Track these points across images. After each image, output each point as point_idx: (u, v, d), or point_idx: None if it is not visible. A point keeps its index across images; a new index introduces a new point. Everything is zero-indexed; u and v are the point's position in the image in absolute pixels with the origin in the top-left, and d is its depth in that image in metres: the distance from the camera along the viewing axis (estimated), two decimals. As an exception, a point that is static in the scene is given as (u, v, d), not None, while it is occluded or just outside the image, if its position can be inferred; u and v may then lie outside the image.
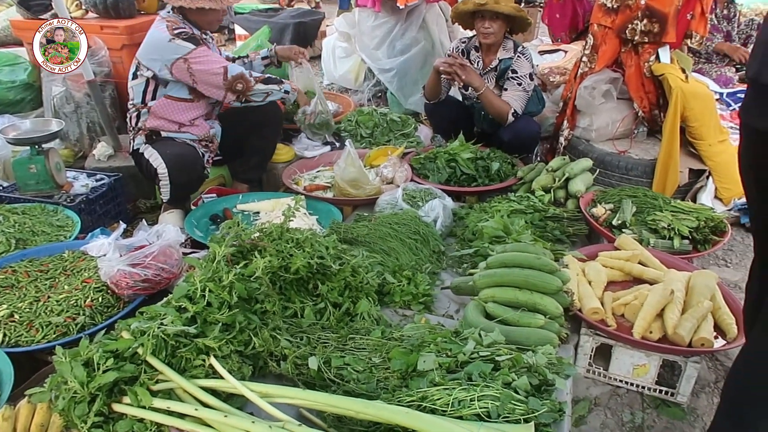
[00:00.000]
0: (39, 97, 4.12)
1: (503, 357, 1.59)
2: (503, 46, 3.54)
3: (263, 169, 3.50)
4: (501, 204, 2.89)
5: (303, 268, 1.90)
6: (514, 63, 3.47)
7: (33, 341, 1.92)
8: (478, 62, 3.60)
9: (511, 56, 3.50)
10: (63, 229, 2.68)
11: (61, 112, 3.72)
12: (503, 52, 3.53)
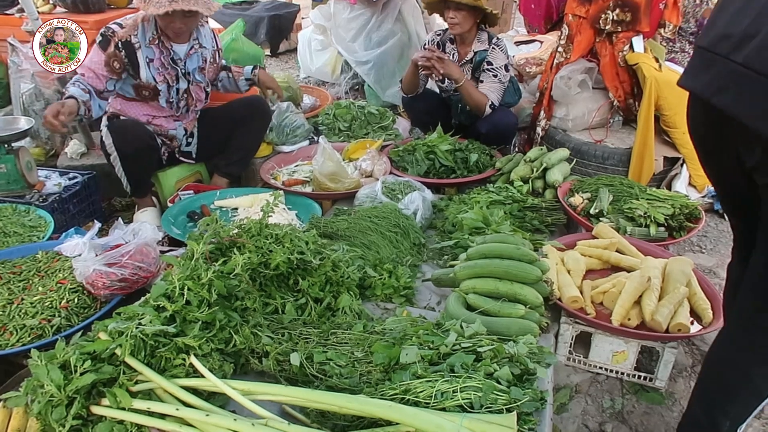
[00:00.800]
0: (7, 95, 4.01)
1: (485, 348, 1.60)
2: (478, 38, 3.54)
3: (246, 165, 3.47)
4: (480, 195, 2.90)
5: (283, 264, 1.88)
6: (489, 54, 3.48)
7: (7, 345, 1.88)
8: (453, 54, 3.60)
9: (486, 48, 3.50)
10: (36, 230, 2.62)
11: (31, 110, 3.63)
12: (478, 44, 3.53)
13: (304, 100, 4.34)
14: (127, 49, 2.86)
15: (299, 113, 3.81)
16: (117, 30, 2.85)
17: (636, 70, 3.48)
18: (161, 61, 2.95)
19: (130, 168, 2.95)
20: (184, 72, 3.04)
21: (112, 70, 2.86)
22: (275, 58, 7.41)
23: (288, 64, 7.35)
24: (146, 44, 2.89)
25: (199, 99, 3.19)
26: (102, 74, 2.85)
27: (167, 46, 2.95)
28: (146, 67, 2.93)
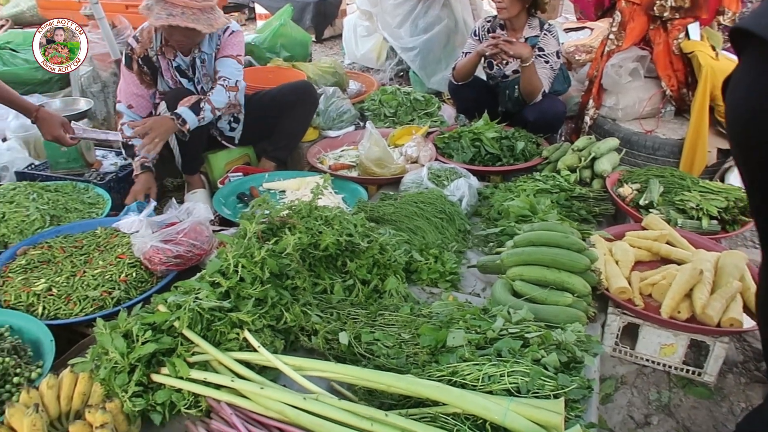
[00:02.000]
0: (66, 77, 4.17)
1: (532, 334, 1.61)
2: (529, 24, 3.49)
3: (292, 149, 3.52)
4: (526, 183, 2.88)
5: (332, 246, 1.92)
6: (540, 41, 3.43)
7: (71, 314, 1.98)
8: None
9: (537, 34, 3.46)
10: (94, 207, 2.74)
11: (89, 92, 3.77)
12: (529, 30, 3.48)
13: (350, 86, 4.36)
14: (147, 63, 2.98)
15: (345, 99, 3.84)
16: (135, 47, 2.95)
17: (691, 59, 3.37)
18: (170, 72, 3.02)
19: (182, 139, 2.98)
20: (192, 81, 3.07)
21: (147, 84, 3.00)
22: (320, 43, 7.45)
23: (333, 50, 7.39)
24: (156, 54, 2.97)
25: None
26: (144, 94, 3.01)
27: (170, 56, 2.98)
28: (161, 77, 3.04)
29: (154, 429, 1.53)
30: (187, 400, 1.52)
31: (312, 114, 3.53)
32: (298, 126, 3.42)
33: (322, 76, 4.10)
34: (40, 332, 1.82)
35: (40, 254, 2.25)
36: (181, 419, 1.54)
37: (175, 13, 2.64)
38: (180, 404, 1.52)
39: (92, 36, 3.74)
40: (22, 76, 4.21)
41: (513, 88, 3.57)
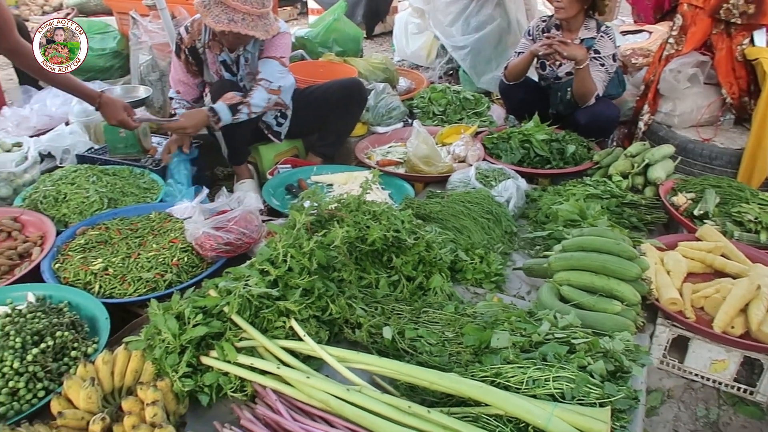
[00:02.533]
0: (126, 65, 4.31)
1: (579, 340, 1.59)
2: (585, 25, 3.43)
3: (340, 146, 3.55)
4: (576, 188, 2.83)
5: (379, 240, 1.93)
6: (596, 43, 3.36)
7: (125, 294, 2.05)
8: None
9: (593, 36, 3.39)
10: (149, 191, 2.83)
11: (147, 80, 3.89)
12: (585, 32, 3.42)
13: (400, 83, 4.37)
14: (193, 54, 3.05)
15: (395, 95, 3.85)
16: (184, 36, 3.03)
17: (755, 66, 3.25)
18: (215, 66, 3.08)
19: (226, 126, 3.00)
20: (237, 76, 3.12)
21: (193, 73, 3.09)
22: (370, 40, 7.48)
23: (383, 46, 7.41)
24: (204, 47, 3.04)
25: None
26: (190, 82, 3.11)
27: (216, 51, 3.04)
28: (207, 69, 3.10)
29: (200, 410, 1.58)
30: (234, 383, 1.56)
31: (360, 112, 3.55)
32: (346, 123, 3.45)
33: (373, 72, 4.12)
34: (97, 310, 1.89)
35: (98, 235, 2.34)
36: (227, 402, 1.58)
37: (236, 19, 2.68)
38: (227, 387, 1.56)
39: (152, 26, 3.86)
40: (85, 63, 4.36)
41: (565, 90, 3.51)
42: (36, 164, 3.10)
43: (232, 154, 3.17)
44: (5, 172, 2.89)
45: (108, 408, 1.50)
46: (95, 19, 4.80)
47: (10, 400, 1.51)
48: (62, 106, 3.78)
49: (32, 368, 1.57)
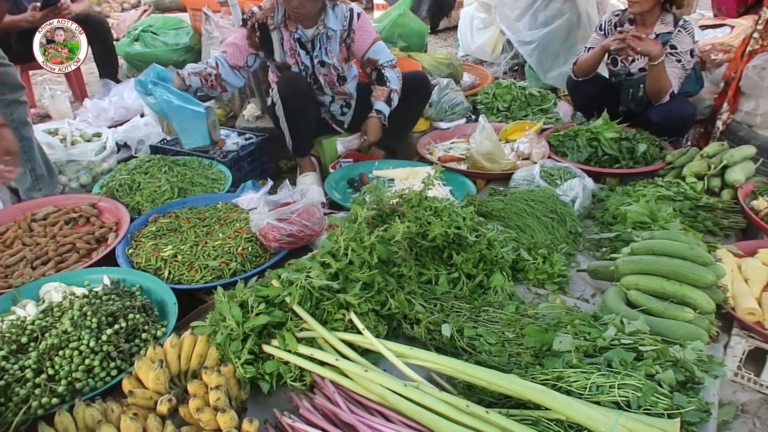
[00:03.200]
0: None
1: (647, 347, 1.53)
2: (662, 20, 3.27)
3: (402, 139, 3.54)
4: (646, 188, 2.72)
5: (440, 237, 1.92)
6: (673, 38, 3.20)
7: (192, 281, 2.12)
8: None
9: (670, 31, 3.23)
10: (217, 182, 2.92)
11: (217, 74, 3.99)
12: (661, 26, 3.26)
13: (464, 78, 4.32)
14: (262, 30, 3.05)
15: (459, 91, 3.81)
16: (255, 11, 3.05)
17: None
18: (290, 43, 3.08)
19: (291, 116, 3.06)
20: (311, 55, 3.12)
21: (252, 43, 3.07)
22: (434, 35, 7.44)
23: (447, 41, 7.35)
24: (278, 26, 3.04)
25: (331, 81, 3.22)
26: (244, 47, 3.07)
27: (292, 28, 3.04)
28: (280, 47, 3.09)
29: (261, 396, 1.62)
30: (294, 373, 1.59)
31: (424, 105, 3.54)
32: (410, 116, 3.44)
33: (437, 67, 4.09)
34: (166, 294, 1.97)
35: (168, 223, 2.43)
36: (286, 390, 1.61)
37: None
38: (286, 376, 1.59)
39: (224, 22, 3.97)
40: (159, 57, 4.56)
41: (638, 86, 3.37)
42: (113, 154, 3.26)
43: (296, 146, 3.21)
44: (86, 160, 3.06)
45: (174, 390, 1.56)
46: (170, 16, 4.99)
47: (86, 377, 1.59)
48: (138, 99, 3.95)
49: (106, 348, 1.66)
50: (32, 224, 2.53)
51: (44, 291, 1.99)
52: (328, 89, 3.27)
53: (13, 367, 1.58)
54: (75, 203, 2.68)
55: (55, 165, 2.98)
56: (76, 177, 3.01)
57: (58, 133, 3.19)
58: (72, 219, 2.58)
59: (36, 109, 4.56)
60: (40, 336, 1.69)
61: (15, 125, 2.62)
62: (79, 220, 2.59)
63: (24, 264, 2.26)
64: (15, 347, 1.65)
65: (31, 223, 2.54)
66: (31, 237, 2.44)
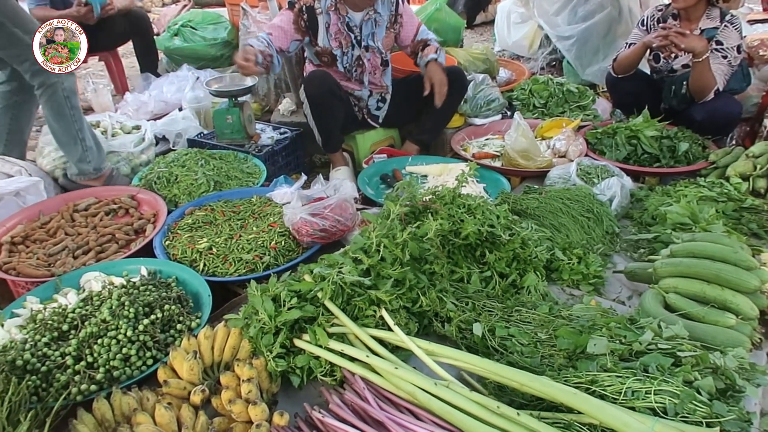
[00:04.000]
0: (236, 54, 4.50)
1: (686, 353, 1.48)
2: (707, 14, 3.16)
3: (438, 134, 3.52)
4: (688, 189, 2.64)
5: (473, 235, 1.90)
6: (719, 33, 3.09)
7: (226, 273, 2.15)
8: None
9: (716, 26, 3.12)
10: (252, 176, 2.95)
11: (254, 69, 4.04)
12: (707, 21, 3.15)
13: (500, 74, 4.26)
14: (309, 13, 3.04)
15: (495, 86, 3.76)
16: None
17: None
18: (337, 27, 3.08)
19: (318, 114, 3.09)
20: (358, 39, 3.13)
21: (298, 28, 3.05)
22: (470, 29, 7.36)
23: (483, 36, 7.27)
24: (326, 10, 3.04)
25: (374, 66, 3.25)
26: (289, 31, 3.05)
27: (343, 12, 3.06)
28: (324, 32, 3.09)
29: (291, 390, 1.63)
30: (324, 368, 1.60)
31: (460, 100, 3.51)
32: (445, 111, 3.41)
33: (473, 63, 4.05)
34: (201, 286, 2.00)
35: (204, 216, 2.48)
36: (316, 385, 1.62)
37: None
38: (317, 371, 1.60)
39: (261, 16, 4.01)
40: (198, 52, 4.64)
41: (680, 83, 3.27)
42: (151, 146, 3.33)
43: (325, 141, 3.22)
44: (125, 152, 3.13)
45: (207, 381, 1.58)
46: (209, 11, 5.05)
47: (123, 366, 1.63)
48: (177, 93, 4.03)
49: (143, 337, 1.69)
50: (74, 214, 2.60)
51: (84, 280, 2.05)
52: (367, 80, 3.27)
53: (55, 353, 1.63)
54: (115, 195, 2.76)
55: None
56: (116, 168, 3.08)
57: (99, 126, 3.28)
58: (112, 210, 2.65)
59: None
60: (80, 324, 1.74)
61: (65, 94, 2.73)
62: (118, 212, 2.66)
63: (66, 253, 2.33)
64: (56, 334, 1.71)
65: (74, 213, 2.61)
66: (73, 227, 2.51)
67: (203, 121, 3.77)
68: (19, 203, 2.69)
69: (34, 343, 1.65)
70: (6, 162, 2.91)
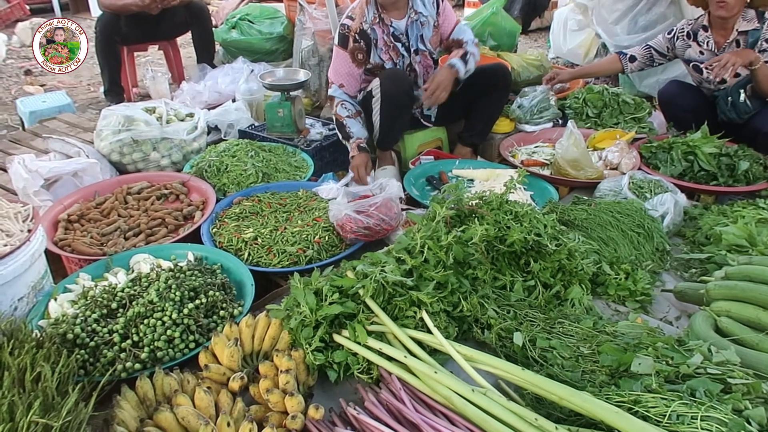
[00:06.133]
0: (290, 49, 4.58)
1: (736, 380, 1.42)
2: (743, 17, 3.06)
3: (486, 135, 3.49)
4: (746, 209, 2.54)
5: (519, 243, 1.87)
6: (765, 33, 2.98)
7: (270, 264, 2.19)
8: (708, 42, 3.17)
9: (756, 27, 3.01)
10: (299, 170, 2.99)
11: (307, 64, 4.10)
12: (744, 24, 3.05)
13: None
14: (363, 38, 3.04)
15: (551, 94, 3.70)
16: (350, 24, 3.03)
17: None
18: (384, 40, 3.07)
19: (388, 112, 3.05)
20: (406, 46, 3.12)
21: (358, 62, 3.08)
22: (525, 35, 7.27)
23: (537, 42, 7.17)
24: (371, 26, 3.03)
25: (426, 67, 3.23)
26: (355, 73, 3.09)
27: (387, 23, 3.04)
28: (374, 48, 3.08)
29: (327, 384, 1.64)
30: (361, 365, 1.60)
31: (506, 97, 3.47)
32: (492, 110, 3.38)
33: (527, 68, 4.00)
34: (244, 275, 2.03)
35: (251, 206, 2.52)
36: (353, 381, 1.63)
37: None
38: (354, 367, 1.60)
39: (317, 13, 4.05)
40: (254, 45, 4.73)
41: (737, 93, 3.11)
42: (203, 135, 3.40)
43: (383, 138, 3.21)
44: (178, 139, 3.21)
45: (246, 368, 1.61)
46: (267, 5, 5.13)
47: (166, 347, 1.67)
48: (231, 84, 4.11)
49: (187, 321, 1.73)
50: (127, 197, 2.69)
51: (134, 261, 2.11)
52: (421, 82, 3.25)
53: (103, 330, 1.69)
54: (167, 180, 2.83)
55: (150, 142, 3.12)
56: (168, 154, 3.16)
57: (155, 112, 3.36)
58: (163, 195, 2.72)
59: (137, 89, 4.84)
60: (128, 303, 1.79)
61: None
62: (169, 197, 2.73)
63: (118, 234, 2.41)
64: (105, 312, 1.76)
65: (127, 195, 2.70)
66: (126, 209, 2.60)
67: (255, 113, 3.83)
68: (76, 183, 2.79)
69: (84, 319, 1.71)
70: (66, 143, 3.03)
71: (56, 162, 2.81)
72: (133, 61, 4.74)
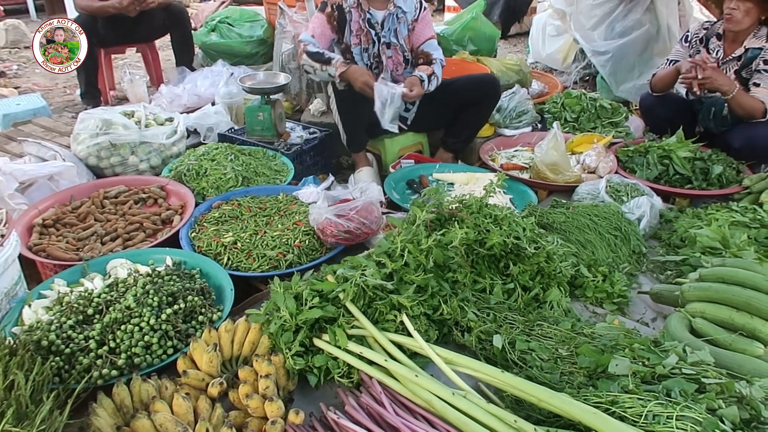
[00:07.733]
0: (270, 52, 4.56)
1: (710, 380, 1.45)
2: (754, 33, 3.10)
3: (469, 141, 3.52)
4: (720, 212, 2.59)
5: (498, 246, 1.89)
6: (766, 52, 3.02)
7: (250, 269, 2.17)
8: (717, 51, 3.21)
9: (761, 46, 3.05)
10: (279, 174, 2.97)
11: (287, 68, 4.08)
12: (753, 41, 3.09)
13: (533, 86, 4.24)
14: (339, 12, 3.10)
15: (528, 98, 3.74)
16: None
17: None
18: (359, 24, 3.12)
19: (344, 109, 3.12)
20: (379, 36, 3.15)
21: (332, 27, 3.12)
22: (504, 40, 7.34)
23: (516, 47, 7.24)
24: (349, 8, 3.09)
25: (396, 63, 3.25)
26: (327, 32, 3.13)
27: (365, 8, 3.10)
28: (348, 29, 3.13)
29: (308, 389, 1.63)
30: (342, 369, 1.60)
31: (493, 108, 3.50)
32: (478, 119, 3.41)
33: (506, 73, 4.03)
34: (224, 280, 2.02)
35: (231, 210, 2.50)
36: (333, 386, 1.62)
37: None
38: (334, 371, 1.60)
39: (297, 16, 4.05)
40: (234, 48, 4.70)
41: (722, 105, 3.17)
42: (183, 139, 3.37)
43: (350, 139, 3.23)
44: (157, 143, 3.17)
45: (226, 374, 1.59)
46: (247, 8, 5.11)
47: (144, 353, 1.65)
48: (210, 88, 4.08)
49: (165, 326, 1.71)
50: (104, 201, 2.65)
51: (111, 266, 2.08)
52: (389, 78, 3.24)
53: (79, 336, 1.66)
54: (145, 184, 2.80)
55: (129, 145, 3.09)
56: (147, 158, 3.13)
57: (133, 116, 3.32)
58: (141, 199, 2.69)
59: (115, 91, 4.78)
60: (105, 309, 1.76)
61: None
62: (147, 201, 2.70)
63: (95, 239, 2.37)
64: (81, 318, 1.74)
65: (104, 200, 2.66)
66: (103, 213, 2.56)
67: (234, 117, 3.81)
68: (52, 187, 2.75)
69: (59, 325, 1.68)
70: (42, 147, 2.98)
71: (32, 165, 2.76)
72: (110, 63, 4.68)
